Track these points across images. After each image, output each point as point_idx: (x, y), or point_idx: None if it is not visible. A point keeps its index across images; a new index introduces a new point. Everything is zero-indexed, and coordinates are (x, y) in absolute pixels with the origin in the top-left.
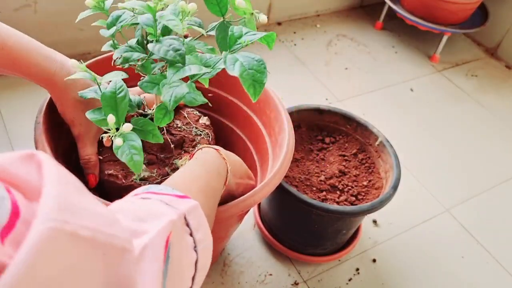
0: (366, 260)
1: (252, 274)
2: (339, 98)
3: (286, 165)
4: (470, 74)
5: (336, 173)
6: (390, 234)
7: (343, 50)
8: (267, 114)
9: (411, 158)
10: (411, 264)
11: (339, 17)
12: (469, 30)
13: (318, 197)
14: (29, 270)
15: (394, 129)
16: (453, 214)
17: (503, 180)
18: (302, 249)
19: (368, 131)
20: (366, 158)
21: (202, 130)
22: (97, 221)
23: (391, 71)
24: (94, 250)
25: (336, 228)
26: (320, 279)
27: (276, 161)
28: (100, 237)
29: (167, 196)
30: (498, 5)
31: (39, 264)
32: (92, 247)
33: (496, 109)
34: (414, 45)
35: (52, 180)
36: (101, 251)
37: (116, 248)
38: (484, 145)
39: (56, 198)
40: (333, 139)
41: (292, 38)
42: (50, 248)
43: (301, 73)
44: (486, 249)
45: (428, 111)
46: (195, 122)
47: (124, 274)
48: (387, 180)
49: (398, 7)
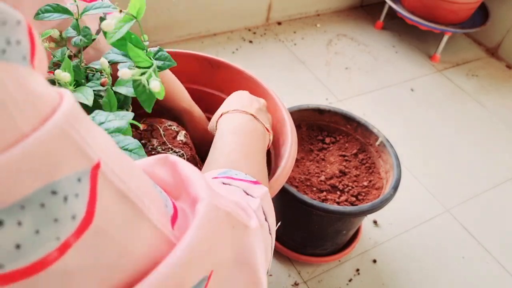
0: (367, 261)
1: None
2: (339, 98)
3: (285, 175)
4: (471, 74)
5: (337, 173)
6: (390, 235)
7: (343, 49)
8: (274, 124)
9: (412, 158)
10: (411, 265)
11: (340, 16)
12: (470, 30)
13: (319, 197)
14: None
15: (394, 129)
16: (453, 214)
17: (504, 180)
18: (302, 249)
19: (369, 131)
20: (367, 158)
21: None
22: (230, 204)
23: (391, 71)
24: (229, 225)
25: (336, 228)
26: (320, 280)
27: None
28: (231, 212)
29: (243, 182)
30: (498, 5)
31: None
32: (228, 221)
33: (497, 109)
34: (415, 45)
35: (195, 175)
36: (232, 225)
37: (241, 224)
38: (484, 145)
39: (205, 188)
40: (333, 139)
41: (292, 38)
42: (212, 223)
43: (301, 72)
44: (486, 249)
45: (429, 111)
46: (172, 140)
47: (246, 244)
48: (388, 180)
49: (398, 7)
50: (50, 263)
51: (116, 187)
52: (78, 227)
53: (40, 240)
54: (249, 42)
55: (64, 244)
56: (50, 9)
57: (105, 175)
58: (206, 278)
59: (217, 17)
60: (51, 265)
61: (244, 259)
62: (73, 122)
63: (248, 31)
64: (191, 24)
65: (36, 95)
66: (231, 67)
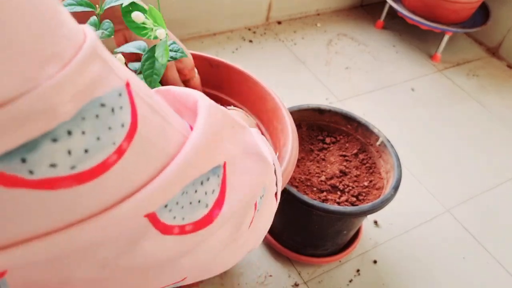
0: (367, 261)
1: (251, 275)
2: (340, 97)
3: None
4: (471, 74)
5: (337, 173)
6: (391, 235)
7: (343, 49)
8: (275, 125)
9: (412, 158)
10: (412, 265)
11: (340, 16)
12: (471, 30)
13: (319, 197)
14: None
15: (395, 129)
16: (454, 214)
17: (504, 180)
18: (302, 250)
19: (369, 131)
20: (367, 158)
21: None
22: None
23: (392, 70)
24: (228, 122)
25: (336, 228)
26: (320, 280)
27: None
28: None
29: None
30: (499, 5)
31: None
32: (227, 121)
33: (497, 109)
34: (415, 45)
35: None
36: (231, 125)
37: (239, 125)
38: (485, 145)
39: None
40: (333, 139)
41: (292, 37)
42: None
43: (301, 72)
44: (487, 249)
45: (429, 111)
46: None
47: (247, 140)
48: (388, 181)
49: (399, 6)
50: (111, 164)
51: (146, 102)
52: (127, 133)
53: (101, 145)
54: (249, 41)
55: (119, 148)
56: (73, 2)
57: (136, 92)
58: (221, 166)
59: (217, 16)
60: (112, 166)
61: (251, 150)
62: (101, 49)
63: (248, 30)
64: (191, 24)
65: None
66: (231, 67)
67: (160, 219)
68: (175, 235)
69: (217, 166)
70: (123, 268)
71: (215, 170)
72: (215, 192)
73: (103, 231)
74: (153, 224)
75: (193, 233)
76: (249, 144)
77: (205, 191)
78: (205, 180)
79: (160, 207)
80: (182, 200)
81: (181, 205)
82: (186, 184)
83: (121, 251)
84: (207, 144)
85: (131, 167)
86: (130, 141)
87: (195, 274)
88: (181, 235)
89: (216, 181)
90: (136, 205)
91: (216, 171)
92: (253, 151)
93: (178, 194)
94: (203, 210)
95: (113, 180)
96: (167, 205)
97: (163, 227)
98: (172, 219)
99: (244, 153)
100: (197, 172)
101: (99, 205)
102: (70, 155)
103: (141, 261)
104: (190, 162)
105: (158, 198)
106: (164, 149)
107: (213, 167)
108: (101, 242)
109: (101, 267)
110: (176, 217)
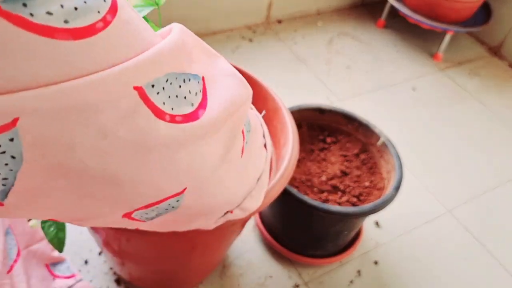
0: (368, 262)
1: (252, 276)
2: (341, 97)
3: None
4: (473, 73)
5: (338, 174)
6: (392, 236)
7: (344, 48)
8: (275, 125)
9: (413, 158)
10: (413, 266)
11: (341, 15)
12: (472, 29)
13: (319, 198)
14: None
15: (396, 128)
16: (455, 215)
17: (506, 180)
18: (302, 250)
19: (370, 131)
20: (368, 158)
21: None
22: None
23: (393, 70)
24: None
25: (337, 229)
26: (321, 281)
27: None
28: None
29: None
30: (501, 4)
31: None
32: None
33: (499, 109)
34: (417, 44)
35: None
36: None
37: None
38: (486, 145)
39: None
40: (334, 139)
41: (292, 37)
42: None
43: (301, 72)
44: (488, 250)
45: (430, 111)
46: None
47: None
48: (389, 181)
49: (400, 5)
50: (99, 30)
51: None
52: (110, 7)
53: (88, 8)
54: (249, 40)
55: (104, 18)
56: None
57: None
58: (200, 76)
59: (217, 15)
60: (100, 32)
61: (227, 72)
62: None
63: (248, 29)
64: (190, 23)
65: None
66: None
67: (150, 97)
68: (167, 122)
69: (196, 74)
70: (124, 141)
71: (195, 76)
72: (198, 95)
73: (97, 92)
74: (143, 101)
75: (183, 123)
76: (225, 69)
77: (188, 89)
78: (187, 79)
79: (147, 84)
80: (167, 88)
81: (167, 94)
82: (168, 72)
83: (118, 121)
84: (182, 46)
85: (116, 39)
86: (113, 16)
87: (195, 186)
88: (172, 123)
89: (198, 86)
90: (124, 72)
91: (196, 77)
92: (230, 73)
93: (162, 78)
94: (189, 107)
95: (102, 45)
96: (154, 85)
97: (154, 108)
98: (162, 105)
99: (221, 74)
100: (176, 65)
101: (93, 65)
102: (63, 8)
103: (139, 137)
104: (167, 53)
105: (142, 72)
106: (144, 39)
107: (192, 72)
108: (96, 105)
109: (102, 135)
110: (166, 104)
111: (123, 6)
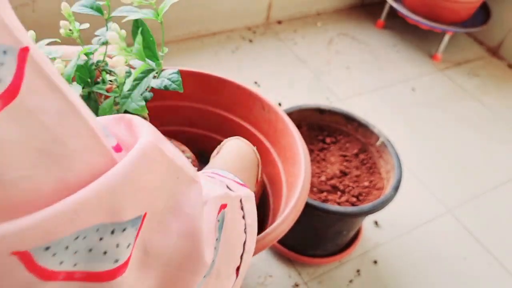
0: (367, 262)
1: (252, 276)
2: (340, 97)
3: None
4: (472, 74)
5: (337, 174)
6: (391, 235)
7: (344, 49)
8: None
9: (413, 158)
10: (412, 266)
11: (340, 15)
12: (471, 29)
13: (319, 197)
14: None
15: (395, 128)
16: (455, 215)
17: (505, 180)
18: (302, 250)
19: (369, 131)
20: (367, 158)
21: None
22: (177, 154)
23: (392, 70)
24: (172, 171)
25: (337, 229)
26: (320, 281)
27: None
28: (177, 161)
29: (229, 180)
30: (500, 4)
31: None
32: (171, 169)
33: (498, 109)
34: (416, 44)
35: (146, 124)
36: (176, 175)
37: (187, 176)
38: (486, 145)
39: (152, 132)
40: (334, 139)
41: (292, 37)
42: (149, 155)
43: (301, 72)
44: (488, 250)
45: (430, 111)
46: None
47: (190, 198)
48: (389, 181)
49: (399, 6)
50: None
51: (47, 75)
52: (3, 92)
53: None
54: (249, 41)
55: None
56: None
57: (35, 60)
58: (140, 218)
59: (217, 16)
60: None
61: (182, 209)
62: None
63: (248, 30)
64: (190, 23)
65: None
66: (234, 84)
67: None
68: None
69: (137, 218)
70: None
71: (135, 221)
72: (130, 247)
73: None
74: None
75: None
76: (188, 202)
77: (116, 242)
78: (119, 230)
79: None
80: (75, 245)
81: (73, 250)
82: (84, 228)
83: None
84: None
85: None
86: (5, 104)
87: None
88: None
89: (133, 234)
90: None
91: (136, 222)
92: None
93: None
94: (109, 264)
95: None
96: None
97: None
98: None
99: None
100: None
101: None
102: None
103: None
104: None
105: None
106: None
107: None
108: None
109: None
110: (64, 263)
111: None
